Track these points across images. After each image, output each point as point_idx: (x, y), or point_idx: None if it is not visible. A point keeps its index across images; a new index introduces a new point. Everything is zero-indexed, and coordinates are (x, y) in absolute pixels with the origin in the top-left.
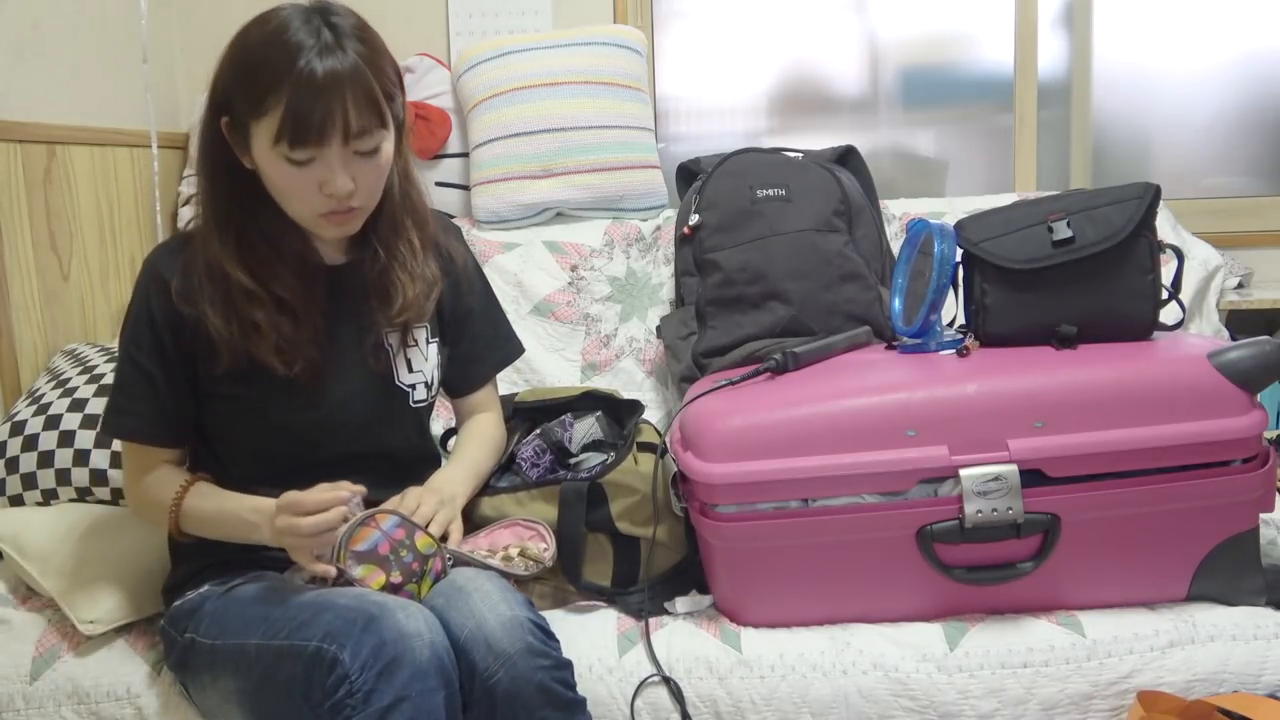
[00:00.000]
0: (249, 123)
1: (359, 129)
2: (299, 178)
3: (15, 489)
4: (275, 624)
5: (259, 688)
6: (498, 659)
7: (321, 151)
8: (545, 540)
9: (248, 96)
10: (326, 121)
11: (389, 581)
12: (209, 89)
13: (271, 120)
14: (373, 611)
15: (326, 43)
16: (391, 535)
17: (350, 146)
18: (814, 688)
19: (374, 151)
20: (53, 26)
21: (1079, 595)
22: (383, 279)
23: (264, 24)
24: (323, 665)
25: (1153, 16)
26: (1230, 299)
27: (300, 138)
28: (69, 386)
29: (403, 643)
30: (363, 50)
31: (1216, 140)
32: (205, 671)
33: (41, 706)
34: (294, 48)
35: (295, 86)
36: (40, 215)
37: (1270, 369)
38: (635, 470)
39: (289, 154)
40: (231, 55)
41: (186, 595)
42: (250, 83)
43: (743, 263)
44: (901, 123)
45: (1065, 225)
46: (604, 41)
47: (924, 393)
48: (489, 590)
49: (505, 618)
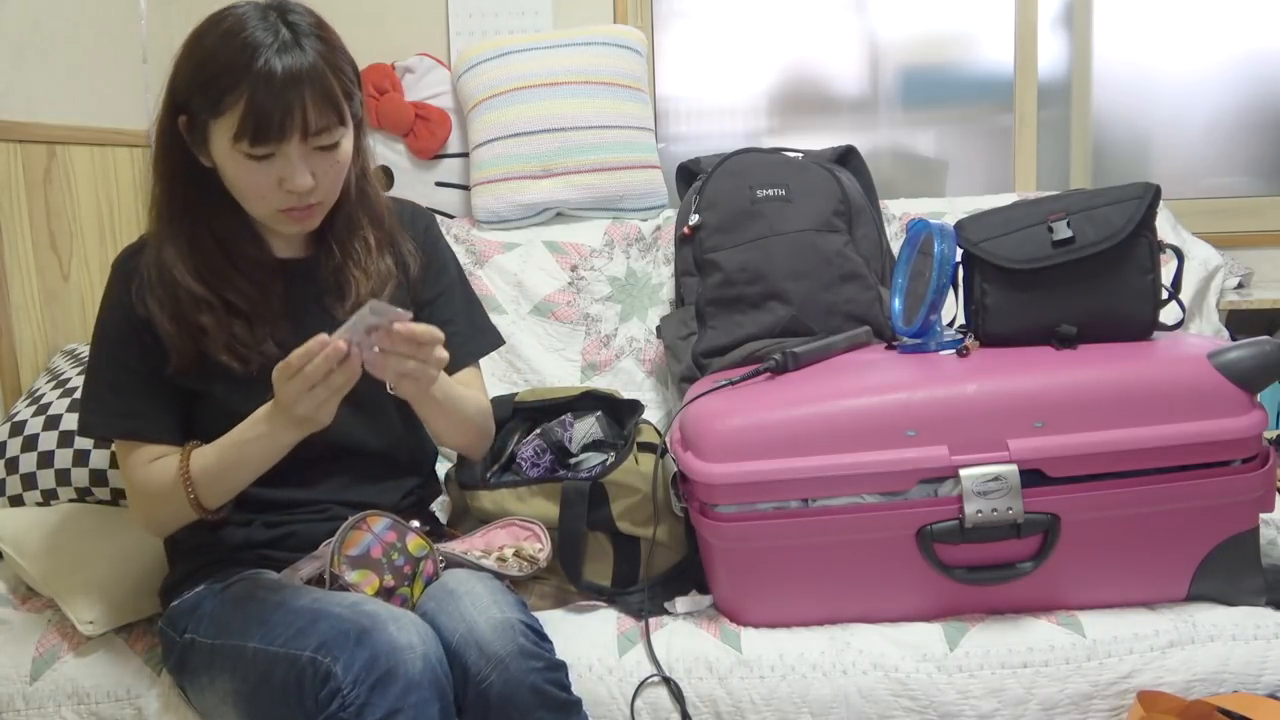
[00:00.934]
0: (208, 121)
1: (319, 126)
2: (259, 174)
3: (15, 489)
4: (272, 628)
5: (255, 691)
6: (489, 662)
7: (281, 148)
8: (541, 540)
9: (206, 95)
10: (286, 118)
11: (382, 585)
12: (165, 89)
13: (231, 118)
14: (365, 624)
15: (285, 40)
16: (383, 538)
17: (310, 143)
18: (814, 688)
19: (333, 148)
20: (53, 26)
21: (1079, 595)
22: (337, 276)
23: (219, 22)
24: (316, 677)
25: (1153, 16)
26: (1230, 299)
27: (261, 135)
28: (69, 387)
29: (395, 655)
30: (321, 48)
31: (1216, 140)
32: (203, 672)
33: (41, 707)
34: (252, 45)
35: (254, 84)
36: (40, 215)
37: (1270, 369)
38: (636, 470)
39: (249, 151)
40: (188, 54)
41: (184, 595)
42: (209, 82)
43: (743, 263)
44: (901, 123)
45: (1065, 225)
46: (604, 41)
47: (924, 393)
48: (480, 593)
49: (496, 620)
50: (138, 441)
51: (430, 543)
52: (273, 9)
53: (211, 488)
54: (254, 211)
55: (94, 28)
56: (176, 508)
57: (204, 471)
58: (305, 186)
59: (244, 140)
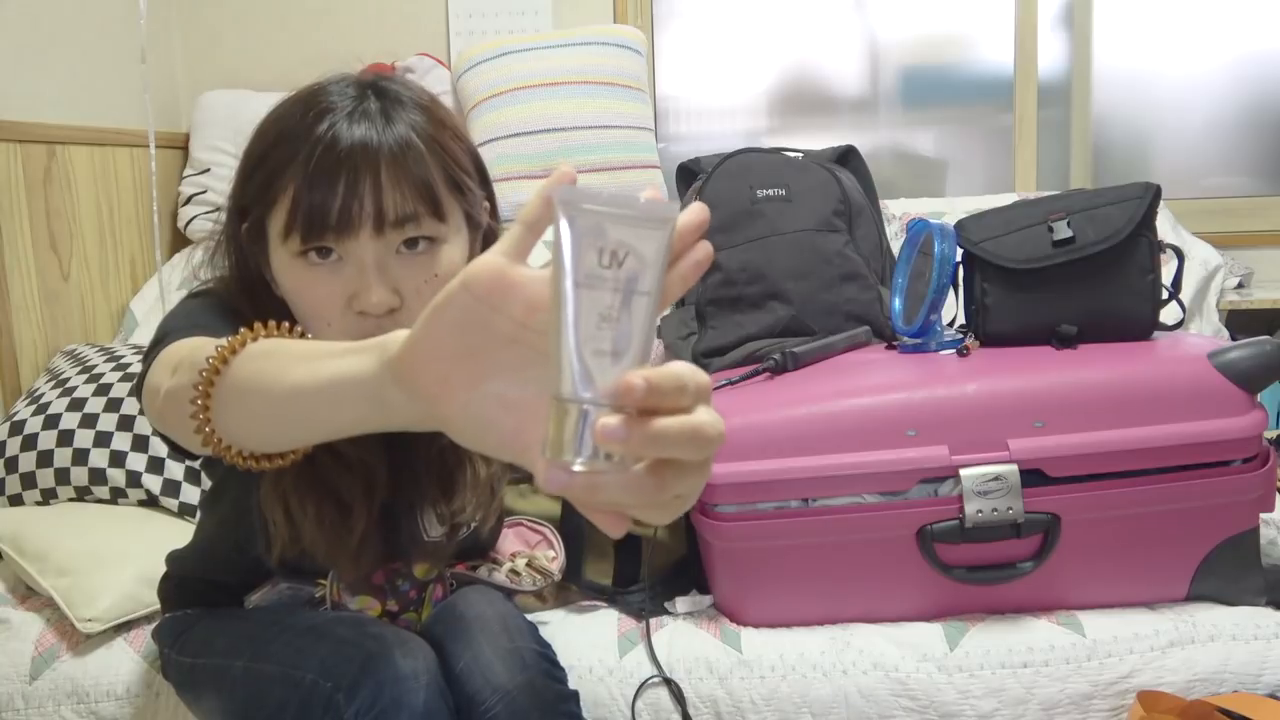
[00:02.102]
0: (263, 220)
1: (399, 215)
2: (319, 287)
3: (15, 488)
4: (266, 646)
5: (245, 710)
6: (495, 693)
7: (345, 246)
8: (553, 547)
9: (255, 186)
10: (351, 200)
11: (385, 610)
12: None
13: (281, 209)
14: (371, 649)
15: (366, 110)
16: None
17: (388, 239)
18: (814, 688)
19: (425, 251)
20: (53, 26)
21: (1079, 595)
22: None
23: (291, 98)
24: (318, 703)
25: (1153, 17)
26: (1230, 299)
27: (314, 227)
28: (69, 386)
29: (400, 685)
30: (419, 120)
31: (1216, 140)
32: (188, 689)
33: (41, 706)
34: (320, 112)
35: (309, 157)
36: (40, 215)
37: (1270, 369)
38: None
39: (300, 249)
40: (247, 144)
41: (174, 613)
42: (258, 169)
43: (743, 263)
44: (901, 123)
45: (1065, 225)
46: (604, 41)
47: (924, 393)
48: (489, 619)
49: (505, 650)
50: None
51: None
52: (369, 81)
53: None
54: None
55: (94, 28)
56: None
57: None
58: (381, 304)
59: (294, 235)
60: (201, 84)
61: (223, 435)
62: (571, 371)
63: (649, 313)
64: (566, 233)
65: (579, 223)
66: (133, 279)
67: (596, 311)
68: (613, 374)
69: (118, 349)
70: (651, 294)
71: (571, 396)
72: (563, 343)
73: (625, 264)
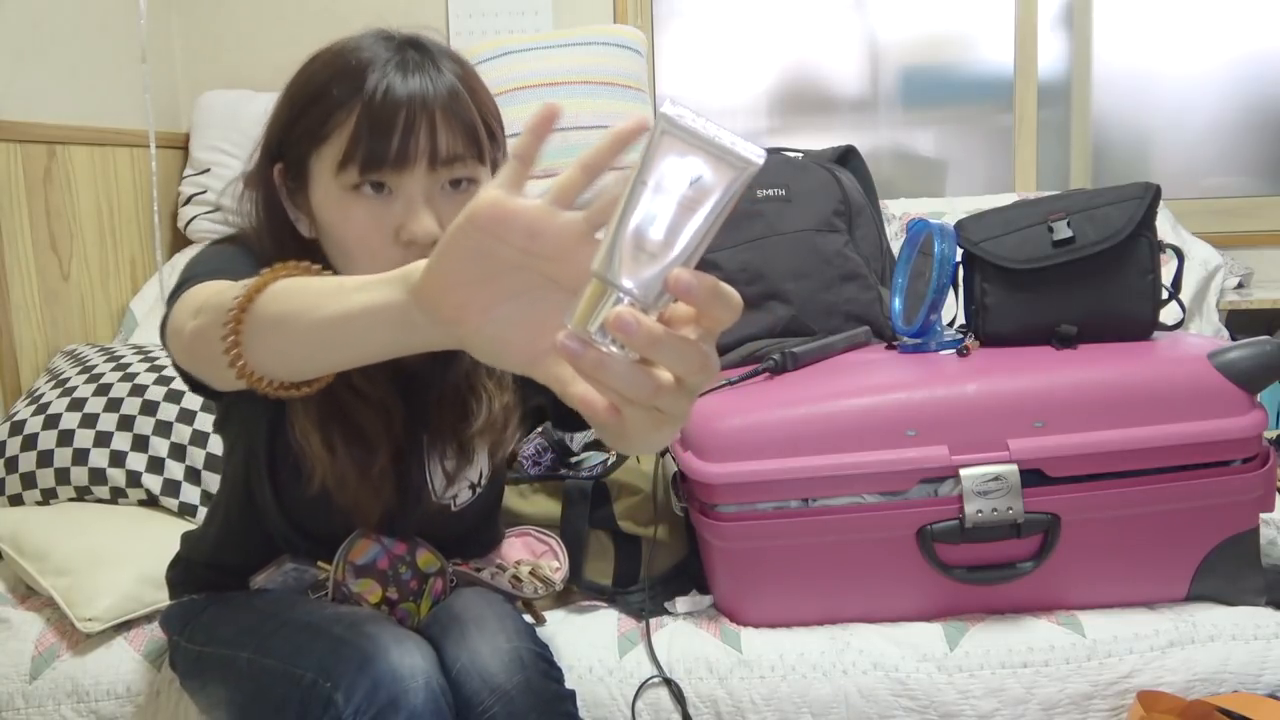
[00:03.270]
0: (308, 155)
1: (450, 154)
2: (368, 219)
3: (15, 488)
4: (268, 639)
5: (251, 700)
6: (493, 694)
7: (400, 180)
8: (558, 559)
9: (307, 123)
10: (409, 138)
11: (385, 597)
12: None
13: (336, 143)
14: (367, 649)
15: (412, 59)
16: (391, 550)
17: (439, 175)
18: (814, 688)
19: (468, 189)
20: (53, 26)
21: (1079, 595)
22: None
23: (326, 48)
24: (317, 702)
25: (1153, 17)
26: (1230, 299)
27: (373, 159)
28: (69, 386)
29: (398, 685)
30: (460, 71)
31: (1216, 140)
32: (195, 677)
33: (41, 705)
34: (367, 60)
35: (371, 97)
36: (40, 215)
37: (1270, 369)
38: (637, 469)
39: (357, 182)
40: (286, 91)
41: (181, 599)
42: (310, 104)
43: (742, 263)
44: (901, 123)
45: (1065, 225)
46: (604, 41)
47: (924, 393)
48: (487, 619)
49: (503, 650)
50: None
51: (442, 559)
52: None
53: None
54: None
55: (94, 28)
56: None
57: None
58: (428, 233)
59: (350, 167)
60: (201, 84)
61: (254, 368)
62: (616, 256)
63: (700, 235)
64: (657, 141)
65: (669, 136)
66: (133, 279)
67: (654, 213)
68: (649, 272)
69: (118, 349)
70: (707, 220)
71: (609, 277)
72: (618, 228)
73: (695, 186)
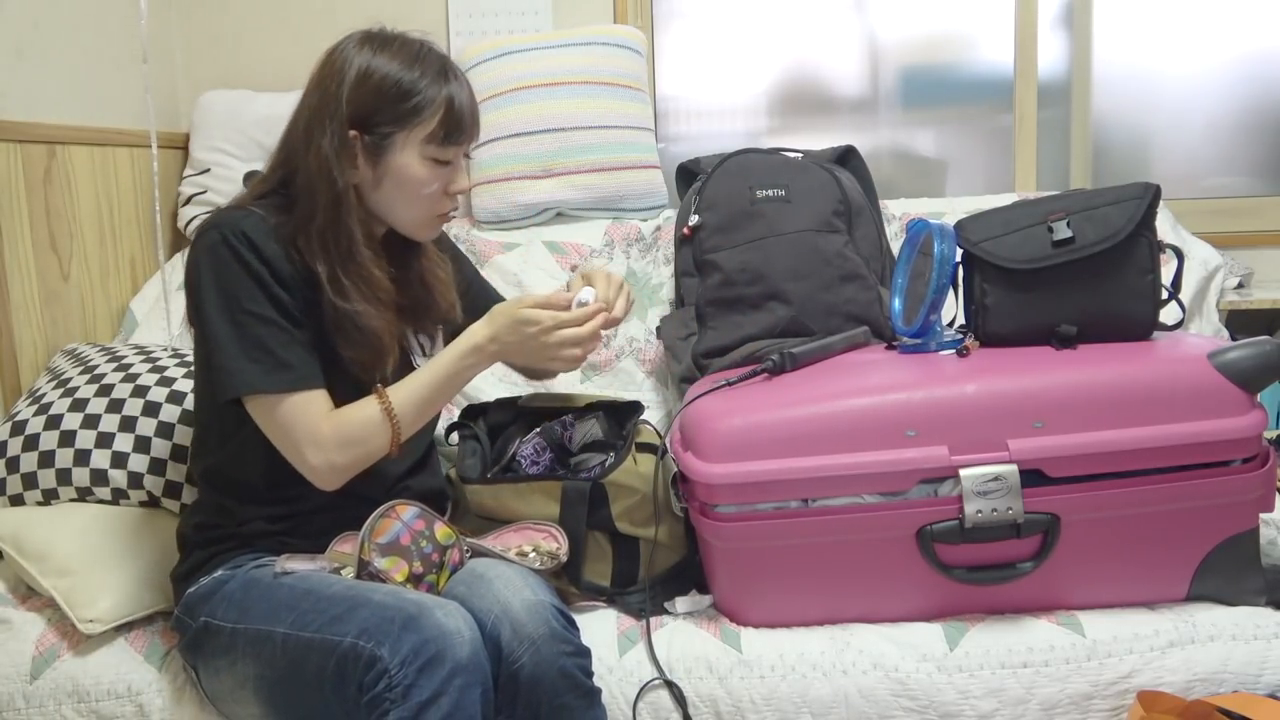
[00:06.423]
0: (395, 133)
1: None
2: (433, 179)
3: (15, 489)
4: (305, 615)
5: (283, 677)
6: (522, 643)
7: (458, 154)
8: (558, 540)
9: (403, 108)
10: (473, 125)
11: (411, 573)
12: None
13: (428, 124)
14: (411, 610)
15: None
16: (411, 526)
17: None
18: (814, 688)
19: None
20: (53, 26)
21: (1079, 595)
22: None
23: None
24: (359, 662)
25: (1153, 17)
26: (1230, 299)
27: (454, 136)
28: (69, 386)
29: (444, 640)
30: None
31: (1216, 140)
32: (221, 655)
33: (42, 705)
34: (436, 61)
35: (455, 93)
36: (40, 215)
37: (1270, 369)
38: (635, 471)
39: (438, 154)
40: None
41: (200, 581)
42: (406, 93)
43: (742, 263)
44: (901, 123)
45: (1065, 225)
46: (604, 41)
47: (924, 393)
48: (511, 575)
49: (529, 601)
50: (311, 391)
51: (457, 531)
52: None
53: (412, 425)
54: (411, 218)
55: (94, 28)
56: (374, 449)
57: (408, 407)
58: (466, 189)
59: (436, 142)
60: (201, 84)
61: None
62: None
63: None
64: None
65: None
66: (133, 279)
67: None
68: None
69: (119, 349)
70: None
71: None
72: None
73: None
